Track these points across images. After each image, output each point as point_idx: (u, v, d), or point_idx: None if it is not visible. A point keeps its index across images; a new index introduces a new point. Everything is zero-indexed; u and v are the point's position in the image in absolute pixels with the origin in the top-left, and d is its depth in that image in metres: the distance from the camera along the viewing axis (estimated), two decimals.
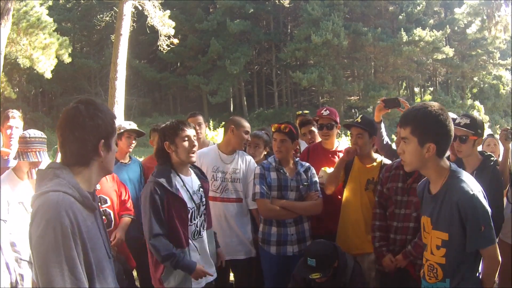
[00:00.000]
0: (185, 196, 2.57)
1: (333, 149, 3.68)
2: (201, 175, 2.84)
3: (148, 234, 2.48)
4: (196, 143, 2.64)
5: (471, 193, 1.87)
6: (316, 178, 3.30)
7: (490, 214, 1.90)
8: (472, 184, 1.93)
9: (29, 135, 2.96)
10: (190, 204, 2.59)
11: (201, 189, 2.73)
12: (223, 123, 3.63)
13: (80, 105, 1.55)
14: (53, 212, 1.39)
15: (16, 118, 3.71)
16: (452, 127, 1.94)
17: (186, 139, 2.58)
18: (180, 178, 2.60)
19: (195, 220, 2.64)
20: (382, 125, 3.40)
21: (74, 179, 1.52)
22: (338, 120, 3.68)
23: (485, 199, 1.94)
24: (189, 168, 2.75)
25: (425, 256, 2.06)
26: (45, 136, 3.08)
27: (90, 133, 1.53)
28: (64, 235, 1.37)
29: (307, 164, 3.35)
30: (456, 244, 1.91)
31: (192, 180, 2.70)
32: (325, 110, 3.65)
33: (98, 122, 1.54)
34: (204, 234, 2.72)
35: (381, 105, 3.33)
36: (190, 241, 2.59)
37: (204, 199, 2.73)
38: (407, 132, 1.94)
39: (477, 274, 1.99)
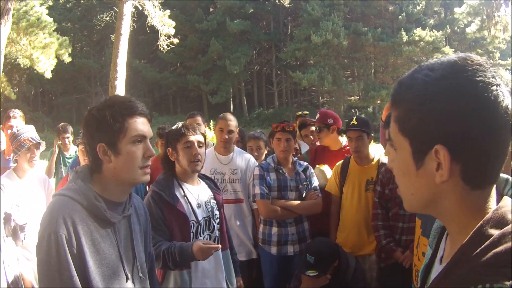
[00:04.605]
0: (186, 207, 2.29)
1: (337, 149, 3.68)
2: (213, 186, 2.56)
3: None
4: (200, 150, 2.35)
5: None
6: (315, 177, 3.31)
7: None
8: None
9: (17, 129, 3.02)
10: (192, 217, 2.30)
11: (212, 201, 2.44)
12: None
13: (96, 106, 1.42)
14: (51, 217, 1.30)
15: (17, 118, 3.73)
16: None
17: (188, 145, 2.31)
18: (182, 188, 2.34)
19: (202, 235, 2.34)
20: None
21: (89, 186, 1.38)
22: (329, 121, 3.64)
23: None
24: (199, 178, 2.49)
25: (414, 261, 1.95)
26: (33, 126, 3.16)
27: (93, 136, 1.39)
28: (58, 244, 1.27)
29: (305, 163, 3.34)
30: None
31: (200, 191, 2.42)
32: (317, 115, 3.69)
33: (99, 122, 1.38)
34: (214, 255, 2.31)
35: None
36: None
37: (217, 212, 2.44)
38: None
39: None
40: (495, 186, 0.73)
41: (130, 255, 1.47)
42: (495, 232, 0.65)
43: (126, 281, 1.41)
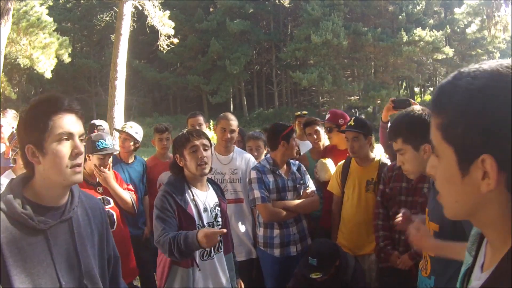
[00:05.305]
0: (194, 211, 2.35)
1: (345, 148, 3.68)
2: (220, 193, 2.60)
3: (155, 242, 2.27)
4: (206, 153, 2.39)
5: None
6: (308, 175, 3.31)
7: None
8: None
9: (15, 129, 3.01)
10: (199, 221, 2.34)
11: (217, 208, 2.48)
12: None
13: (25, 107, 1.39)
14: None
15: (6, 116, 3.72)
16: None
17: (194, 149, 2.36)
18: (191, 191, 2.39)
19: None
20: (389, 125, 3.40)
21: (16, 193, 1.32)
22: (340, 121, 3.68)
23: None
24: (208, 184, 2.53)
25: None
26: None
27: (22, 139, 1.35)
28: None
29: (297, 162, 3.37)
30: (447, 238, 1.69)
31: (207, 196, 2.47)
32: (328, 114, 3.77)
33: (25, 123, 1.35)
34: (217, 256, 2.42)
35: (390, 106, 3.31)
36: (198, 261, 2.32)
37: (220, 219, 2.48)
38: (400, 143, 2.00)
39: None
40: None
41: (74, 261, 1.39)
42: None
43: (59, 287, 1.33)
